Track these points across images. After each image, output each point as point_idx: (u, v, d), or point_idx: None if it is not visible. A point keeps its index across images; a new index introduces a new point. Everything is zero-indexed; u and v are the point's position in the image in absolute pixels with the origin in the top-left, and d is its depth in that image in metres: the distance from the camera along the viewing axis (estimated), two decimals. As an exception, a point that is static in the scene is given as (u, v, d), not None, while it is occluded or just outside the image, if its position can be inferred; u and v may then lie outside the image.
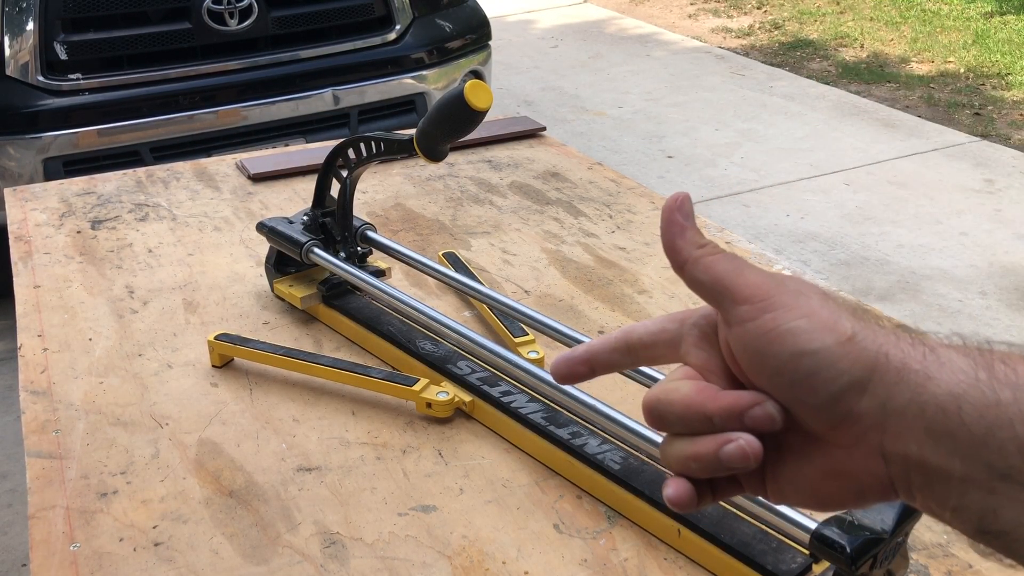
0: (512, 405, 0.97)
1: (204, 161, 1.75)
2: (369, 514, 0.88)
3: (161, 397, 1.05)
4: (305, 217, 1.18)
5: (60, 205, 1.55)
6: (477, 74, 3.45)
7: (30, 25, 2.71)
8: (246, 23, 2.94)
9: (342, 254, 1.18)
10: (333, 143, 1.15)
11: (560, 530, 0.86)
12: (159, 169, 1.71)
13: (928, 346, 0.43)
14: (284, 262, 1.21)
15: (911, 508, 0.70)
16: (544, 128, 1.89)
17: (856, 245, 3.57)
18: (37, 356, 1.13)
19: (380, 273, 1.20)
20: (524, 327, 1.11)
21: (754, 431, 0.44)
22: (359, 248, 1.20)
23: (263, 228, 1.20)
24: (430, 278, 1.25)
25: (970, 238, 3.61)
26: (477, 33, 3.48)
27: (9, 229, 1.46)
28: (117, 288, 1.29)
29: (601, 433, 0.93)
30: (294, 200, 1.57)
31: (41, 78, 2.73)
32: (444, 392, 1.00)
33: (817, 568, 0.76)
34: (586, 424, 0.94)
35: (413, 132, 1.02)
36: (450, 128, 0.98)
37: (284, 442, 0.98)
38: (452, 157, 1.75)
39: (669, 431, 0.48)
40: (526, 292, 1.29)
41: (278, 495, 0.90)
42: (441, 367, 1.04)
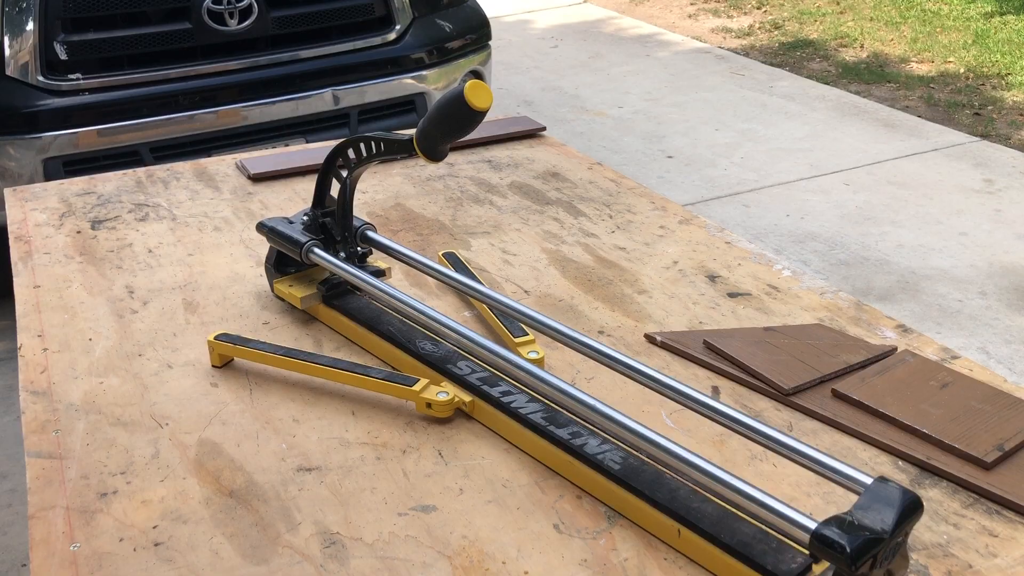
0: (512, 405, 0.97)
1: (204, 161, 1.75)
2: (369, 514, 0.88)
3: (161, 397, 1.05)
4: (305, 217, 1.18)
5: (60, 205, 1.55)
6: (477, 74, 3.45)
7: (30, 25, 2.71)
8: (246, 23, 2.94)
9: (342, 254, 1.18)
10: (333, 143, 1.15)
11: (560, 530, 0.86)
12: (159, 169, 1.71)
13: None
14: (284, 262, 1.21)
15: (911, 508, 0.70)
16: (544, 128, 1.89)
17: (856, 245, 3.57)
18: (37, 356, 1.13)
19: (380, 273, 1.20)
20: (524, 327, 1.11)
21: None
22: (359, 248, 1.20)
23: (263, 228, 1.20)
24: (430, 278, 1.25)
25: (970, 238, 3.61)
26: (477, 33, 3.48)
27: (9, 229, 1.46)
28: (117, 288, 1.29)
29: (601, 433, 0.93)
30: (294, 200, 1.57)
31: (41, 78, 2.73)
32: (444, 392, 1.00)
33: (817, 568, 0.76)
34: (586, 424, 0.94)
35: (413, 132, 1.02)
36: (450, 128, 0.98)
37: (284, 442, 0.98)
38: (452, 157, 1.75)
39: None
40: (526, 292, 1.29)
41: (278, 495, 0.90)
42: (441, 367, 1.04)
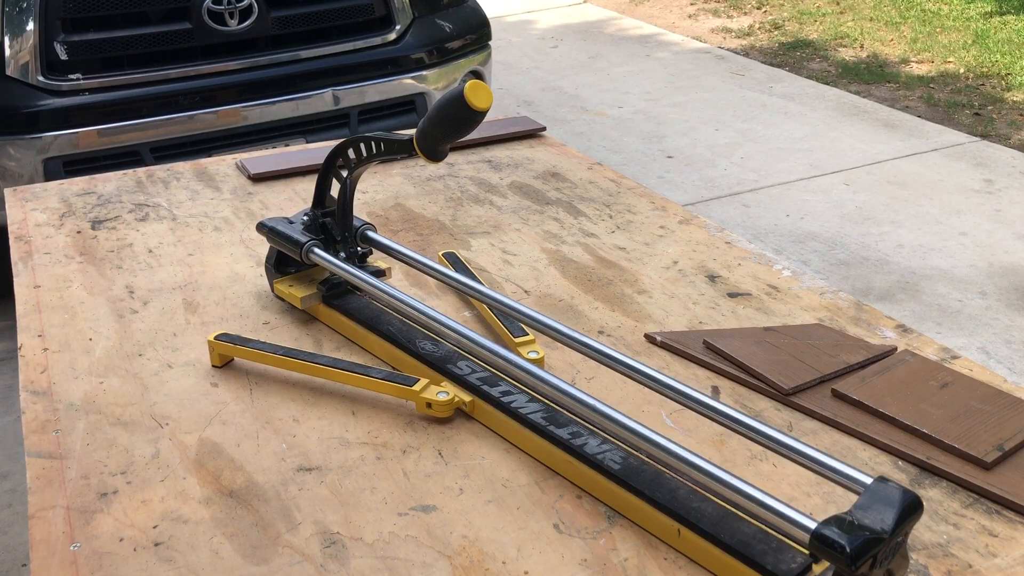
0: (512, 405, 0.97)
1: (204, 161, 1.75)
2: (369, 514, 0.88)
3: (161, 397, 1.05)
4: (305, 217, 1.18)
5: (60, 205, 1.55)
6: (477, 74, 3.45)
7: (30, 25, 2.71)
8: (246, 23, 2.94)
9: (342, 254, 1.18)
10: (333, 143, 1.16)
11: (560, 530, 0.86)
12: (159, 169, 1.71)
13: None
14: (284, 262, 1.21)
15: (911, 508, 0.70)
16: (544, 128, 1.89)
17: (856, 245, 3.57)
18: (37, 356, 1.13)
19: (380, 273, 1.20)
20: (524, 327, 1.11)
21: None
22: (359, 248, 1.20)
23: (263, 228, 1.20)
24: (430, 278, 1.25)
25: (970, 238, 3.61)
26: (477, 33, 3.48)
27: (9, 229, 1.46)
28: (117, 288, 1.29)
29: (601, 433, 0.93)
30: (294, 200, 1.57)
31: (41, 78, 2.73)
32: (444, 392, 1.00)
33: (817, 568, 0.76)
34: (586, 424, 0.94)
35: (413, 132, 1.02)
36: (450, 128, 0.98)
37: (284, 442, 0.98)
38: (452, 157, 1.75)
39: None
40: (526, 292, 1.29)
41: (278, 495, 0.90)
42: (441, 367, 1.04)
